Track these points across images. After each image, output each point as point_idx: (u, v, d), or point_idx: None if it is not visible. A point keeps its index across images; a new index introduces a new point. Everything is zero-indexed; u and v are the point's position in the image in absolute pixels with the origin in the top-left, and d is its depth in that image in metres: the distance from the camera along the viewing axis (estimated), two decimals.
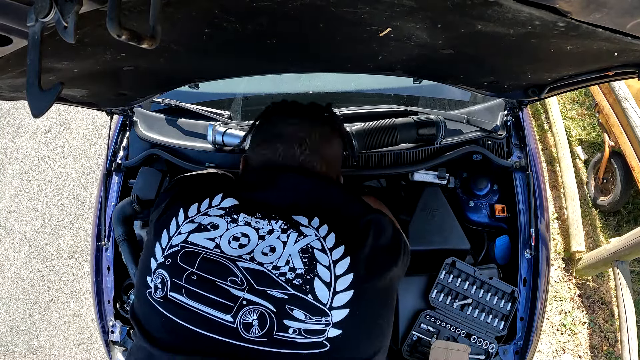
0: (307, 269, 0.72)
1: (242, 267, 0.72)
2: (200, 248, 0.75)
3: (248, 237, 0.76)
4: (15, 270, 2.85)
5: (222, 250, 0.74)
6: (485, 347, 1.27)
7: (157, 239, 0.81)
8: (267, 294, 0.71)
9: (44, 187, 3.21)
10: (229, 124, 1.46)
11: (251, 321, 0.69)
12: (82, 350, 2.54)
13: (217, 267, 0.73)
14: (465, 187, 1.49)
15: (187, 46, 0.77)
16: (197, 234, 0.77)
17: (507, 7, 0.49)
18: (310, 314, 0.70)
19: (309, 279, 0.71)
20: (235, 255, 0.74)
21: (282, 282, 0.71)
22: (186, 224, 0.79)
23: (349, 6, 0.56)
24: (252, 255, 0.74)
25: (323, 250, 0.74)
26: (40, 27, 0.43)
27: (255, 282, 0.71)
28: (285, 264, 0.72)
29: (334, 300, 0.71)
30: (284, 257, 0.73)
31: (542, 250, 1.37)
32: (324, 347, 0.69)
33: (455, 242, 1.37)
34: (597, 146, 3.15)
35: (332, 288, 0.71)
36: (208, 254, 0.74)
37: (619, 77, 0.80)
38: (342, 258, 0.74)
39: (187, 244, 0.76)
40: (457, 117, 1.43)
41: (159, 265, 0.77)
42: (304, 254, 0.73)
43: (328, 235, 0.76)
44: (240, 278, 0.72)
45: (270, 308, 0.70)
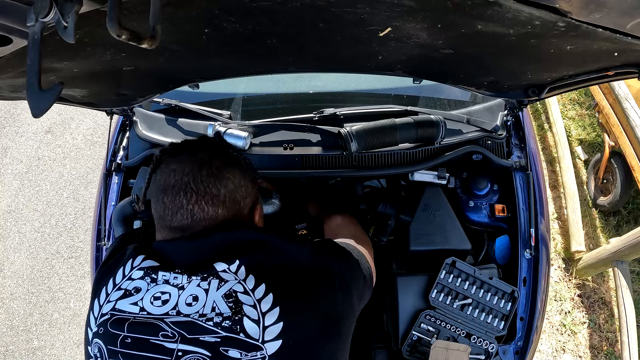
0: (234, 311, 0.73)
1: (170, 322, 0.74)
2: (127, 314, 0.76)
3: (169, 293, 0.77)
4: (15, 270, 2.85)
5: (148, 312, 0.76)
6: (485, 347, 1.27)
7: (90, 309, 0.83)
8: (200, 340, 0.72)
9: (44, 187, 3.21)
10: (229, 124, 1.46)
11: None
12: (82, 350, 2.54)
13: (147, 328, 0.74)
14: (465, 187, 1.49)
15: (187, 46, 0.77)
16: (122, 301, 0.78)
17: (507, 7, 0.49)
18: (245, 351, 0.71)
19: (238, 319, 0.73)
20: (161, 313, 0.75)
21: (211, 327, 0.72)
22: (115, 291, 0.80)
23: (349, 6, 0.56)
24: (177, 309, 0.75)
25: (246, 292, 0.75)
26: (40, 27, 0.43)
27: (186, 332, 0.73)
28: (211, 310, 0.74)
29: (265, 334, 0.72)
30: (208, 304, 0.74)
31: (542, 250, 1.37)
32: None
33: (456, 242, 1.37)
34: (597, 146, 3.15)
35: (262, 323, 0.73)
36: (136, 318, 0.76)
37: (619, 77, 0.80)
38: (265, 295, 0.75)
39: (116, 311, 0.77)
40: (457, 117, 1.43)
41: (94, 334, 0.79)
42: (228, 298, 0.74)
43: (247, 277, 0.76)
44: (170, 332, 0.73)
45: (206, 353, 0.71)
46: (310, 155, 1.39)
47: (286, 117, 1.48)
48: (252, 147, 1.42)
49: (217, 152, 0.87)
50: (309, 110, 1.47)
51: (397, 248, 1.50)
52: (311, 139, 1.44)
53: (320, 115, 1.45)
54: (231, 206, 0.84)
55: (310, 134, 1.44)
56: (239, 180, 0.86)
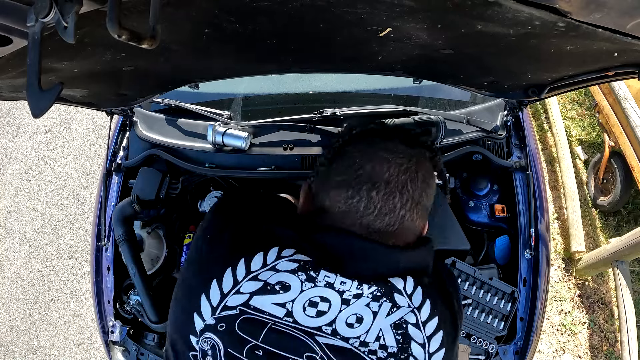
0: (400, 348, 0.61)
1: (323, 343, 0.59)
2: (266, 316, 0.60)
3: (329, 301, 0.61)
4: (15, 270, 2.85)
5: (295, 320, 0.60)
6: (485, 347, 1.27)
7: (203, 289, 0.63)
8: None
9: (44, 187, 3.21)
10: (229, 124, 1.46)
11: None
12: (82, 350, 2.54)
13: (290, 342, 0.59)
14: (465, 187, 1.49)
15: (187, 46, 0.77)
16: (262, 297, 0.61)
17: (507, 7, 0.49)
18: None
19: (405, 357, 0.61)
20: (312, 326, 0.60)
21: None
22: (247, 281, 0.62)
23: (349, 6, 0.56)
24: (334, 327, 0.60)
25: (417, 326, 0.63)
26: (40, 27, 0.43)
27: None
28: (375, 340, 0.60)
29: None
30: (373, 331, 0.60)
31: (542, 250, 1.37)
32: None
33: (456, 243, 1.37)
34: (597, 146, 3.15)
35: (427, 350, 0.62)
36: (277, 324, 0.60)
37: (619, 77, 0.80)
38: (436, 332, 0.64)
39: (249, 308, 0.61)
40: (457, 117, 1.43)
41: (207, 327, 0.62)
42: (397, 329, 0.61)
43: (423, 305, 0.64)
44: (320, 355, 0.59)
45: None
46: (310, 156, 1.39)
47: (286, 117, 1.48)
48: (252, 147, 1.42)
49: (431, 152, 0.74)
50: (309, 110, 1.47)
51: None
52: (311, 139, 1.44)
53: (321, 116, 1.45)
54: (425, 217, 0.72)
55: (310, 134, 1.44)
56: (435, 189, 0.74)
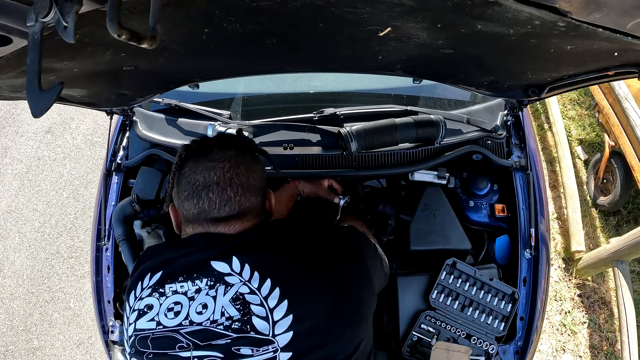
0: (243, 312, 0.76)
1: (185, 333, 0.77)
2: (147, 331, 0.81)
3: (180, 303, 0.80)
4: (15, 270, 2.85)
5: (164, 326, 0.79)
6: (485, 348, 1.27)
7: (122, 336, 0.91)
8: (212, 345, 0.76)
9: (44, 187, 3.21)
10: (229, 123, 1.46)
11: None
12: (82, 350, 2.54)
13: (165, 341, 0.78)
14: (465, 187, 1.49)
15: (187, 46, 0.77)
16: (139, 321, 0.82)
17: (507, 7, 0.49)
18: (256, 347, 0.74)
19: (247, 320, 0.75)
20: (175, 325, 0.78)
21: (222, 331, 0.76)
22: (130, 314, 0.85)
23: (349, 6, 0.56)
24: (190, 319, 0.78)
25: (252, 292, 0.77)
26: (40, 27, 0.43)
27: (200, 340, 0.76)
28: (220, 315, 0.77)
29: (275, 329, 0.74)
30: (217, 310, 0.77)
31: (542, 250, 1.37)
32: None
33: (457, 242, 1.37)
34: (597, 146, 3.15)
35: (271, 319, 0.75)
36: (155, 333, 0.80)
37: (619, 77, 0.80)
38: (272, 290, 0.76)
39: (137, 331, 0.82)
40: (457, 117, 1.43)
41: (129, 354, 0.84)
42: (235, 302, 0.77)
43: (252, 276, 0.78)
44: (185, 342, 0.77)
45: (218, 355, 0.75)
46: (310, 155, 1.39)
47: (286, 117, 1.48)
48: None
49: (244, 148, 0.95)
50: (309, 110, 1.47)
51: (397, 248, 1.50)
52: (311, 139, 1.44)
53: (320, 115, 1.45)
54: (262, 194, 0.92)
55: (310, 134, 1.44)
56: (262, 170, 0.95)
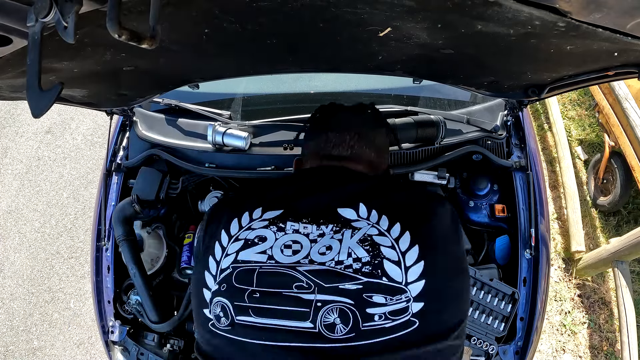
0: (373, 255, 0.70)
1: (304, 271, 0.70)
2: (253, 264, 0.72)
3: (300, 243, 0.73)
4: (15, 270, 2.85)
5: (277, 261, 0.72)
6: (485, 348, 1.27)
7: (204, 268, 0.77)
8: (340, 289, 0.68)
9: (44, 187, 3.21)
10: (229, 124, 1.46)
11: (333, 320, 0.67)
12: (82, 351, 2.54)
13: (278, 278, 0.70)
14: (465, 187, 1.49)
15: (187, 46, 0.77)
16: (245, 251, 0.74)
17: (507, 7, 0.49)
18: (389, 295, 0.68)
19: (378, 263, 0.69)
20: (292, 262, 0.71)
21: (351, 274, 0.69)
22: (232, 243, 0.76)
23: (349, 6, 0.56)
24: (310, 258, 0.71)
25: (381, 234, 0.72)
26: (40, 27, 0.43)
27: (323, 282, 0.69)
28: (347, 256, 0.70)
29: (408, 276, 0.69)
30: (343, 251, 0.71)
31: (542, 250, 1.37)
32: (413, 324, 0.68)
33: None
34: (597, 146, 3.15)
35: (403, 264, 0.70)
36: (263, 267, 0.71)
37: (619, 77, 0.80)
38: (402, 234, 0.72)
39: (238, 263, 0.73)
40: (457, 117, 1.43)
41: (213, 293, 0.74)
42: (363, 243, 0.72)
43: (380, 218, 0.74)
44: (305, 282, 0.69)
45: (348, 302, 0.67)
46: None
47: (286, 117, 1.48)
48: (252, 147, 1.42)
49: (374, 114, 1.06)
50: (309, 110, 1.47)
51: None
52: None
53: None
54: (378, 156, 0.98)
55: None
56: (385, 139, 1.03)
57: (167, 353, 1.40)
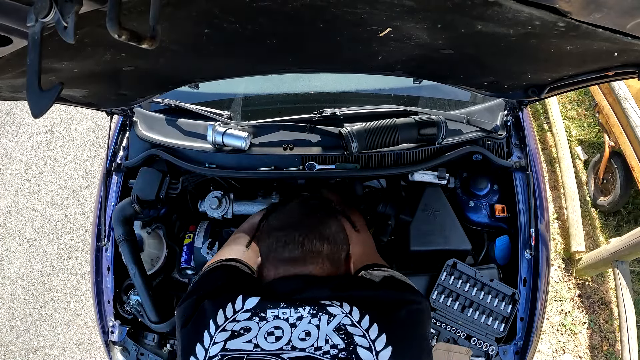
0: (347, 342, 0.77)
1: (288, 358, 0.75)
2: (241, 352, 0.77)
3: (281, 329, 0.79)
4: (15, 270, 2.85)
5: (262, 349, 0.77)
6: (485, 348, 1.27)
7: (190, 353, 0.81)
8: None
9: (44, 187, 3.21)
10: (229, 124, 1.46)
11: None
12: (82, 351, 2.54)
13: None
14: (465, 187, 1.49)
15: (187, 46, 0.77)
16: (233, 340, 0.79)
17: (507, 7, 0.49)
18: None
19: (352, 350, 0.76)
20: (276, 349, 0.77)
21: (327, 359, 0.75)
22: (219, 333, 0.81)
23: (348, 6, 0.56)
24: (292, 344, 0.77)
25: (354, 325, 0.80)
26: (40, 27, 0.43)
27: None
28: (325, 343, 0.77)
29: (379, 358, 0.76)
30: (321, 337, 0.77)
31: (542, 251, 1.37)
32: None
33: (457, 243, 1.37)
34: (597, 146, 3.15)
35: (374, 350, 0.77)
36: (250, 355, 0.76)
37: (619, 77, 0.80)
38: (371, 325, 0.80)
39: (227, 351, 0.78)
40: (457, 117, 1.43)
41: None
42: (338, 331, 0.78)
43: (352, 309, 0.82)
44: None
45: None
46: (310, 156, 1.39)
47: (286, 117, 1.48)
48: (252, 148, 1.42)
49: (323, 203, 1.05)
50: (309, 110, 1.47)
51: (397, 248, 1.50)
52: (311, 139, 1.44)
53: (320, 116, 1.45)
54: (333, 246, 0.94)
55: (310, 134, 1.44)
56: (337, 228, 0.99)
57: (167, 353, 1.40)
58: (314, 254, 0.91)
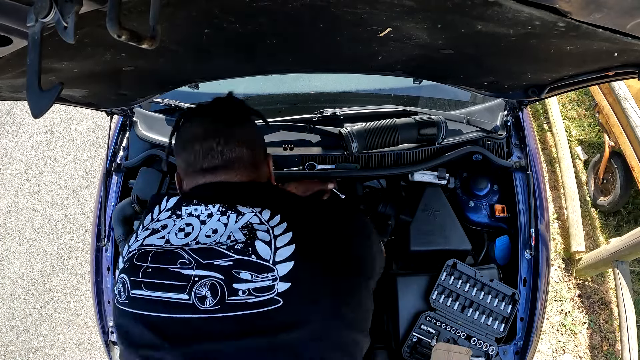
0: (248, 237, 0.77)
1: (189, 249, 0.78)
2: (152, 247, 0.81)
3: (192, 225, 0.82)
4: (15, 271, 2.85)
5: (170, 243, 0.80)
6: (485, 349, 1.27)
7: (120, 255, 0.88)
8: (214, 265, 0.75)
9: (44, 187, 3.21)
10: None
11: (204, 293, 0.74)
12: (82, 351, 2.54)
13: (167, 257, 0.78)
14: (465, 187, 1.49)
15: (187, 46, 0.77)
16: (150, 237, 0.83)
17: (507, 7, 0.49)
18: (256, 273, 0.73)
19: (250, 243, 0.76)
20: (182, 243, 0.80)
21: (224, 251, 0.75)
22: (143, 232, 0.85)
23: (349, 6, 0.56)
24: (197, 239, 0.79)
25: (261, 222, 0.79)
26: (40, 27, 0.43)
27: (202, 258, 0.76)
28: (227, 238, 0.78)
29: (276, 255, 0.74)
30: (225, 234, 0.78)
31: (542, 251, 1.37)
32: (277, 303, 0.71)
33: (457, 243, 1.37)
34: (597, 146, 3.15)
35: (273, 245, 0.75)
36: (160, 249, 0.80)
37: (619, 77, 0.80)
38: (280, 223, 0.79)
39: (143, 246, 0.82)
40: (457, 117, 1.43)
41: (120, 271, 0.84)
42: (243, 229, 0.78)
43: (263, 210, 0.81)
44: (188, 259, 0.77)
45: (219, 277, 0.74)
46: (310, 156, 1.39)
47: (286, 117, 1.48)
48: None
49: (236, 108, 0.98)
50: (309, 110, 1.47)
51: (397, 248, 1.50)
52: (311, 139, 1.44)
53: (320, 116, 1.45)
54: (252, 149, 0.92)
55: (310, 134, 1.44)
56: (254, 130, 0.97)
57: None
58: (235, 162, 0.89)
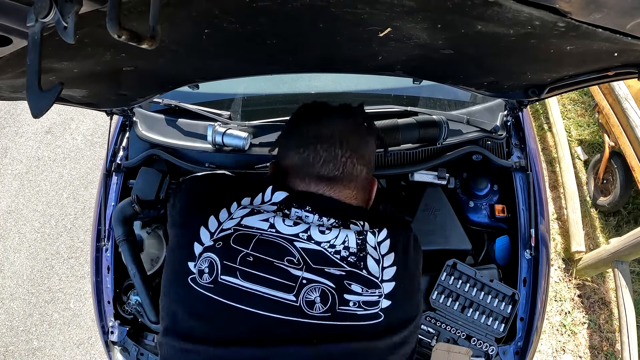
0: (360, 248, 0.76)
1: (300, 247, 0.74)
2: (254, 230, 0.74)
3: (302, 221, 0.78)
4: (15, 271, 2.85)
5: (277, 230, 0.74)
6: (485, 349, 1.27)
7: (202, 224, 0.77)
8: (325, 271, 0.73)
9: (44, 187, 3.21)
10: (228, 124, 1.46)
11: (313, 298, 0.71)
12: (82, 351, 2.54)
13: (273, 248, 0.73)
14: (465, 187, 1.48)
15: (187, 46, 0.77)
16: (250, 217, 0.76)
17: (507, 7, 0.49)
18: (366, 287, 0.74)
19: (362, 257, 0.76)
20: (291, 233, 0.74)
21: (338, 261, 0.74)
22: (239, 210, 0.77)
23: (348, 6, 0.56)
24: (309, 233, 0.75)
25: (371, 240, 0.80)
26: (40, 27, 0.43)
27: (312, 262, 0.73)
28: (341, 243, 0.76)
29: (383, 274, 0.76)
30: (340, 237, 0.76)
31: (542, 251, 1.37)
32: (379, 317, 0.73)
33: (457, 243, 1.37)
34: (597, 146, 3.15)
35: (381, 264, 0.77)
36: (264, 235, 0.74)
37: (619, 77, 0.80)
38: (384, 240, 0.80)
39: (241, 227, 0.74)
40: (457, 117, 1.43)
41: (205, 249, 0.74)
42: (359, 235, 0.78)
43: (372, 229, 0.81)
44: (297, 258, 0.73)
45: (330, 284, 0.72)
46: None
47: (286, 117, 1.47)
48: (252, 148, 1.42)
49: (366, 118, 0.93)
50: None
51: None
52: None
53: None
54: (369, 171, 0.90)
55: None
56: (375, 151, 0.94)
57: None
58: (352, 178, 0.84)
